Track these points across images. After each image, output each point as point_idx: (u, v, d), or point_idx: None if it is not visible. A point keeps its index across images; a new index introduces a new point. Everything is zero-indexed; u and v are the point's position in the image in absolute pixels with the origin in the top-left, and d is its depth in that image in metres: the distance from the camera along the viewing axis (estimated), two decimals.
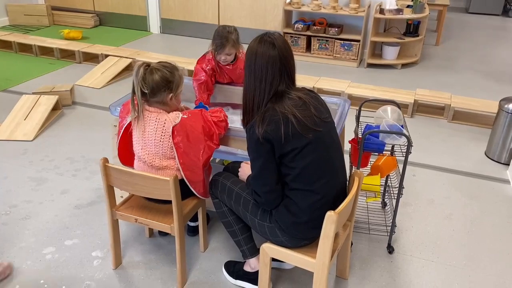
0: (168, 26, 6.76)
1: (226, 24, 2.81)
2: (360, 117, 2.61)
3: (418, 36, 5.51)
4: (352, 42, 5.45)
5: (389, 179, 2.71)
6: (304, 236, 1.83)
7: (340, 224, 1.84)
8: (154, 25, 6.81)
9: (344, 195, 1.89)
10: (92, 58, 5.37)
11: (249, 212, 1.93)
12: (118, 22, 7.01)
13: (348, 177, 2.17)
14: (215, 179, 2.10)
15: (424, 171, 3.28)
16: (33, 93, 4.07)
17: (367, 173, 2.47)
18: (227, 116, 2.24)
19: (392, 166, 2.45)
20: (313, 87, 4.42)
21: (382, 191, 2.78)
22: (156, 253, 2.38)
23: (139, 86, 1.98)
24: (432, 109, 4.27)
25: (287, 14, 5.76)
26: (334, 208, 1.71)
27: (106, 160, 2.01)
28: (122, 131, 2.15)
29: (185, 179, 2.09)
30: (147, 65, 2.03)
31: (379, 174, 2.37)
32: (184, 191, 2.13)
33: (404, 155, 2.25)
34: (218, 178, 2.09)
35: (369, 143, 2.24)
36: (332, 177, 1.80)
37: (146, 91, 2.00)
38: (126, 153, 2.23)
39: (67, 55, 5.46)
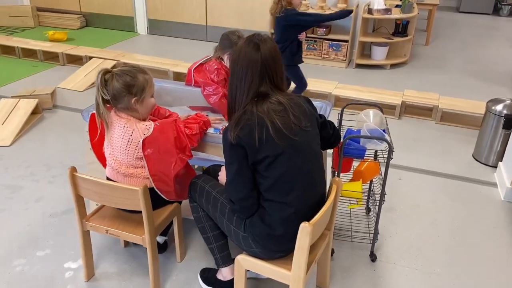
0: (155, 26, 6.66)
1: (231, 30, 2.72)
2: (344, 120, 2.55)
3: (407, 36, 5.45)
4: (341, 43, 5.39)
5: (373, 185, 2.65)
6: (279, 249, 1.76)
7: (316, 235, 1.77)
8: (141, 26, 6.72)
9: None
10: (76, 60, 5.27)
11: (226, 218, 1.86)
12: (105, 23, 6.91)
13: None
14: (194, 182, 2.03)
15: (411, 174, 3.22)
16: (13, 97, 3.97)
17: (350, 178, 2.41)
18: (205, 126, 2.15)
19: (374, 171, 2.38)
20: None
21: (366, 196, 2.71)
22: (130, 264, 2.30)
23: (100, 93, 1.92)
24: (420, 110, 4.21)
25: None
26: (311, 220, 1.64)
27: (74, 169, 1.93)
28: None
29: (156, 189, 2.02)
30: (108, 71, 1.96)
31: (361, 180, 2.31)
32: (158, 199, 2.06)
33: (385, 160, 2.19)
34: (197, 181, 2.02)
35: (349, 149, 2.17)
36: (308, 189, 1.72)
37: (108, 98, 1.94)
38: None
39: (51, 57, 5.36)
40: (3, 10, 6.76)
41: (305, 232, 1.61)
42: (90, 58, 5.10)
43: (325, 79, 4.73)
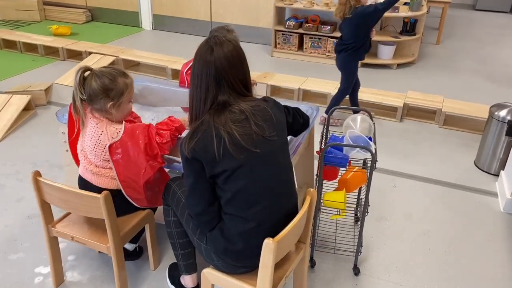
0: (160, 22, 6.59)
1: (221, 25, 2.60)
2: (330, 126, 2.43)
3: (415, 35, 5.27)
4: None
5: (361, 193, 2.52)
6: (241, 264, 1.65)
7: (283, 251, 1.66)
8: (146, 21, 6.66)
9: None
10: (77, 55, 5.23)
11: (190, 229, 1.78)
12: (110, 18, 6.87)
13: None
14: (169, 185, 1.94)
15: (407, 181, 3.07)
16: (6, 93, 3.94)
17: (335, 187, 2.29)
18: (178, 132, 2.04)
19: (361, 180, 2.26)
20: (299, 88, 4.22)
21: (355, 204, 2.59)
22: (103, 270, 2.23)
23: (77, 92, 1.88)
24: (423, 113, 4.05)
25: (279, 10, 5.56)
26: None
27: (37, 174, 1.86)
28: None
29: (126, 196, 1.94)
30: (87, 70, 1.90)
31: (344, 189, 2.18)
32: (130, 204, 1.98)
33: (369, 170, 2.06)
34: (171, 184, 1.93)
35: (330, 157, 2.05)
36: (273, 203, 1.61)
37: (84, 97, 1.89)
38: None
39: (52, 52, 5.33)
40: (10, 3, 6.77)
41: (268, 249, 1.51)
42: (90, 53, 5.05)
43: (329, 78, 4.59)
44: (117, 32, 6.45)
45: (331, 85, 4.28)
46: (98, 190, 1.89)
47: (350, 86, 3.65)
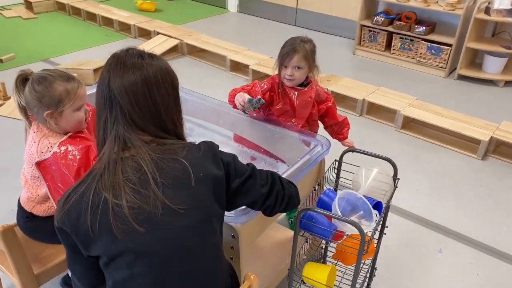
0: (246, 5, 6.22)
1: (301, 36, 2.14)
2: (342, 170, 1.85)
3: None
4: (442, 46, 4.36)
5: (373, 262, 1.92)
6: None
7: None
8: (232, 3, 6.33)
9: None
10: (147, 34, 5.08)
11: None
12: None
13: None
14: None
15: (459, 246, 2.35)
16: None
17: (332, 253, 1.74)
18: None
19: (368, 251, 1.68)
20: (363, 99, 3.56)
21: (368, 274, 1.99)
22: None
23: (17, 98, 1.63)
24: None
25: (370, 3, 4.82)
26: None
27: None
28: None
29: None
30: (26, 74, 1.62)
31: (331, 266, 1.63)
32: None
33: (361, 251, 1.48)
34: None
35: (309, 225, 1.50)
36: None
37: (24, 105, 1.63)
38: None
39: (126, 28, 5.26)
40: None
41: None
42: (158, 33, 4.86)
43: (411, 90, 3.86)
44: (201, 12, 6.22)
45: (405, 100, 3.55)
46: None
47: None
